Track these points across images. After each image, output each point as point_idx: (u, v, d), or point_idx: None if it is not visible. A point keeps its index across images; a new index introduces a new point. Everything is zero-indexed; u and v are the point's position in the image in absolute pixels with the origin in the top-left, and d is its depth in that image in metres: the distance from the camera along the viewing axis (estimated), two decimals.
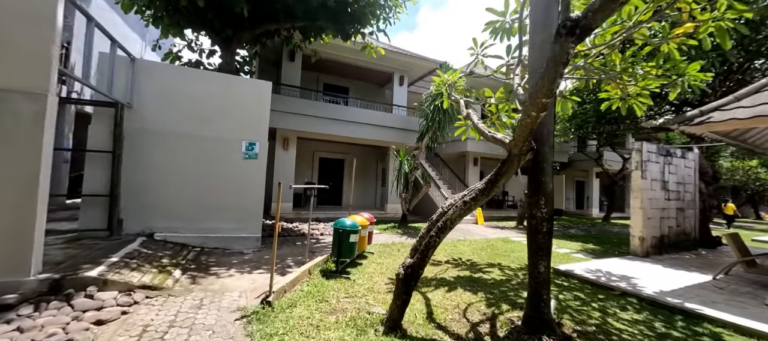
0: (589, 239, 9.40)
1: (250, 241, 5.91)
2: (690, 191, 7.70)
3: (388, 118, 11.10)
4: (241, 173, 5.93)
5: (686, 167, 7.63)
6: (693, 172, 7.81)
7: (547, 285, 2.81)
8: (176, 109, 5.57)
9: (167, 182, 5.46)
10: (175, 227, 5.45)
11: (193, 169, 5.63)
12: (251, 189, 5.99)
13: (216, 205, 5.73)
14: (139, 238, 5.08)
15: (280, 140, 10.13)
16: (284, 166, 10.16)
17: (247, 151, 6.01)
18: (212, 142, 5.76)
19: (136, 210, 5.26)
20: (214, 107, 5.82)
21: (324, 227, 8.44)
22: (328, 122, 10.04)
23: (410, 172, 9.67)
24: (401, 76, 12.19)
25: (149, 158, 5.38)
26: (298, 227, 8.34)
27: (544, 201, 2.82)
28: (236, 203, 5.87)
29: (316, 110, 9.90)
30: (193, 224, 5.58)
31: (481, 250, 6.85)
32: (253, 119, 6.09)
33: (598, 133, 12.42)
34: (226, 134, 5.86)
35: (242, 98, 6.04)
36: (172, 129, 5.52)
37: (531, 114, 2.18)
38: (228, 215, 5.81)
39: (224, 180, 5.81)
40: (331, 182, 13.20)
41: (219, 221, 5.74)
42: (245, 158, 5.99)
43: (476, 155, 13.83)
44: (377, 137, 10.85)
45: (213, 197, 5.72)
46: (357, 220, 5.18)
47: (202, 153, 5.70)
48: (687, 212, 7.56)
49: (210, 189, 5.71)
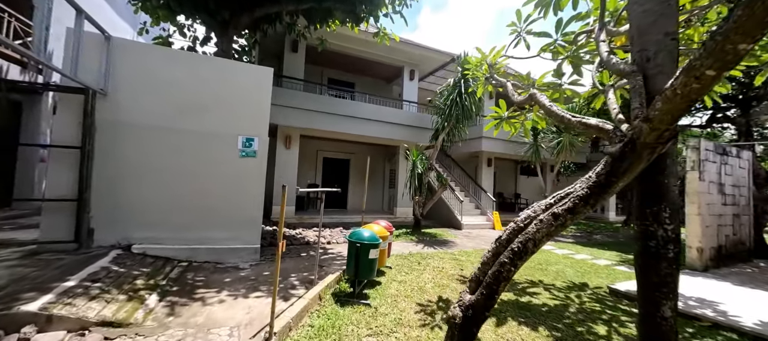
0: (622, 247, 8.51)
1: (247, 253, 5.04)
2: (744, 195, 6.83)
3: (398, 114, 10.24)
4: (238, 174, 5.07)
5: (740, 169, 6.76)
6: (747, 174, 6.93)
7: (674, 337, 1.93)
8: (160, 97, 4.71)
9: (149, 183, 4.59)
10: (157, 238, 4.59)
11: (181, 168, 4.77)
12: (249, 192, 5.12)
13: (207, 211, 4.87)
14: (112, 251, 4.21)
15: (282, 137, 9.28)
16: (286, 166, 9.30)
17: (244, 148, 5.15)
18: (203, 137, 4.90)
19: (110, 217, 4.39)
20: (205, 97, 4.96)
21: (330, 234, 7.57)
22: (334, 119, 9.18)
23: (424, 173, 8.80)
24: (412, 70, 11.34)
25: (127, 155, 4.51)
26: (301, 233, 7.46)
27: (668, 214, 1.94)
28: (231, 208, 5.00)
29: (321, 104, 9.04)
30: (180, 233, 4.71)
31: None
32: (251, 112, 5.24)
33: None
34: (219, 128, 5.00)
35: (239, 86, 5.18)
36: (155, 122, 4.66)
37: (704, 74, 1.31)
38: (221, 222, 4.94)
39: (217, 182, 4.95)
40: (336, 183, 12.33)
41: (211, 230, 4.87)
42: (242, 156, 5.13)
43: (490, 155, 12.96)
44: (387, 135, 10.00)
45: (204, 202, 4.85)
46: (374, 229, 4.32)
47: (191, 150, 4.83)
48: (742, 218, 6.68)
49: (200, 192, 4.85)
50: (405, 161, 11.21)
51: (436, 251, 6.66)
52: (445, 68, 12.14)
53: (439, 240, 8.02)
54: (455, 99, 8.09)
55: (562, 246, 8.03)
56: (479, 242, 8.12)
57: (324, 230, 8.02)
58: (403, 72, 11.27)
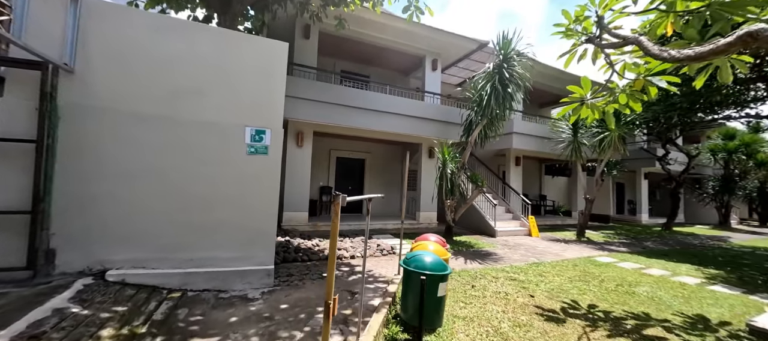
0: (689, 257, 7.29)
1: (258, 276, 3.93)
2: None
3: (423, 108, 9.11)
4: (245, 176, 3.97)
5: None
6: None
7: None
8: (145, 77, 3.63)
9: (130, 189, 3.51)
10: (141, 260, 3.50)
11: (171, 169, 3.68)
12: (260, 199, 4.02)
13: (207, 224, 3.77)
14: (78, 281, 3.13)
15: (293, 134, 8.19)
16: (299, 167, 8.20)
17: (252, 142, 4.05)
18: (201, 128, 3.81)
19: (78, 235, 3.31)
20: (204, 77, 3.87)
21: (352, 246, 6.44)
22: (352, 112, 8.08)
23: (457, 173, 7.66)
24: (434, 59, 10.21)
25: (101, 151, 3.44)
26: (319, 245, 6.35)
27: None
28: (237, 219, 3.91)
29: (337, 95, 7.94)
30: (171, 253, 3.61)
31: (585, 282, 4.80)
32: (262, 97, 4.14)
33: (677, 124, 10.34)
34: (221, 116, 3.91)
35: (247, 64, 4.09)
36: (138, 108, 3.58)
37: None
38: (225, 238, 3.84)
39: (219, 186, 3.85)
40: (350, 186, 11.23)
41: (211, 248, 3.77)
42: (251, 152, 4.03)
43: (520, 153, 11.78)
44: (409, 131, 8.87)
45: (202, 212, 3.76)
46: (430, 248, 3.19)
47: (184, 145, 3.75)
48: None
49: (198, 200, 3.75)
50: (429, 160, 10.09)
51: (482, 267, 5.51)
52: (469, 57, 11.00)
53: (478, 252, 6.87)
54: (496, 85, 6.95)
55: (621, 257, 6.84)
56: (523, 253, 6.96)
57: (343, 242, 6.90)
58: (425, 61, 10.14)
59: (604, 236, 10.30)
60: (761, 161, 13.94)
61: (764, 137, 14.75)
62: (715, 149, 15.12)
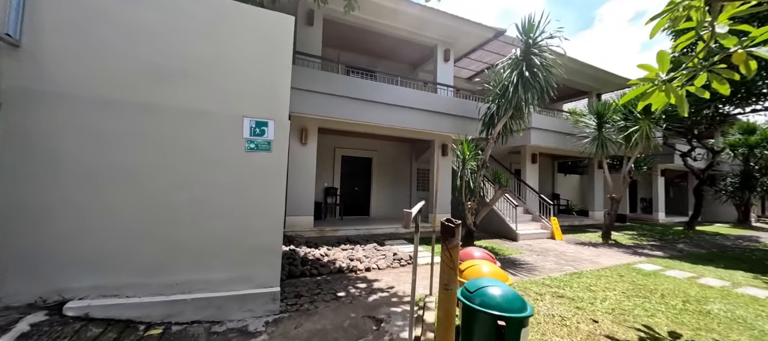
0: (733, 261, 6.60)
1: (260, 301, 3.19)
2: None
3: (438, 101, 8.36)
4: (244, 178, 3.23)
5: None
6: None
7: None
8: (115, 54, 2.88)
9: (96, 197, 2.76)
10: (111, 287, 2.75)
11: (150, 171, 2.93)
12: (262, 206, 3.28)
13: (195, 238, 3.03)
14: (26, 318, 2.39)
15: (297, 130, 7.44)
16: (303, 166, 7.46)
17: (252, 137, 3.30)
18: (187, 120, 3.06)
19: (26, 256, 2.56)
20: (191, 54, 3.12)
21: (365, 255, 5.71)
22: (361, 105, 7.33)
23: (478, 172, 6.94)
24: (446, 49, 9.47)
25: (57, 149, 2.68)
26: (328, 254, 5.60)
27: None
28: (234, 232, 3.16)
29: (345, 87, 7.19)
30: (151, 277, 2.87)
31: (644, 298, 4.08)
32: (263, 80, 3.40)
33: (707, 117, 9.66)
34: (213, 104, 3.17)
35: (244, 40, 3.34)
36: (106, 93, 2.83)
37: None
38: (218, 255, 3.10)
39: (211, 191, 3.11)
40: (356, 186, 10.49)
41: (201, 269, 3.03)
42: (250, 149, 3.29)
43: (536, 150, 11.07)
44: (423, 127, 8.13)
45: (189, 225, 3.02)
46: (483, 269, 2.46)
47: (167, 141, 3.00)
48: None
49: (183, 209, 3.01)
50: (442, 158, 9.36)
51: (519, 280, 4.79)
52: (483, 48, 10.27)
53: (506, 259, 6.16)
54: (524, 72, 6.21)
55: (664, 264, 6.13)
56: (555, 260, 6.25)
57: (355, 250, 6.16)
58: (437, 52, 9.40)
59: (630, 237, 9.61)
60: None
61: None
62: (736, 144, 14.47)
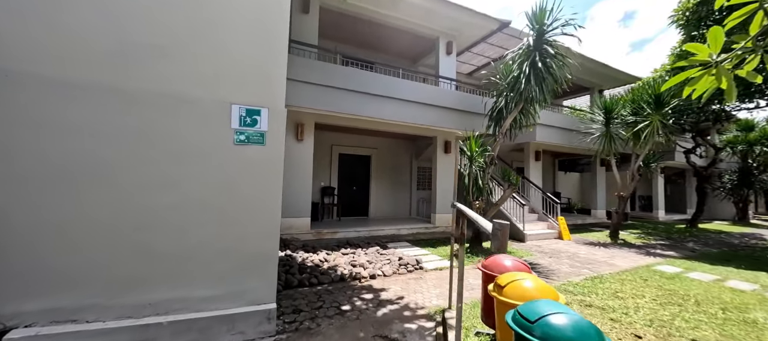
0: (752, 262, 6.33)
1: (252, 321, 2.71)
2: None
3: (442, 96, 7.92)
4: (233, 176, 2.75)
5: None
6: None
7: None
8: (77, 26, 2.36)
9: (52, 199, 2.25)
10: (68, 309, 2.24)
11: (120, 168, 2.43)
12: (255, 209, 2.80)
13: (174, 248, 2.54)
14: None
15: (292, 125, 6.94)
16: (299, 164, 6.96)
17: (242, 127, 2.82)
18: (164, 106, 2.57)
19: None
20: (168, 26, 2.62)
21: (368, 259, 5.24)
22: (361, 99, 6.85)
23: (486, 170, 6.54)
24: (449, 41, 9.05)
25: (5, 139, 2.17)
26: (327, 260, 5.13)
27: None
28: (222, 240, 2.68)
29: (344, 78, 6.70)
30: (118, 296, 2.37)
31: (678, 306, 3.71)
32: (255, 60, 2.92)
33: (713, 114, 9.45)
34: (195, 88, 2.68)
35: (232, 10, 2.85)
36: (65, 73, 2.31)
37: None
38: (202, 268, 2.61)
39: (193, 192, 2.62)
40: (355, 186, 10.02)
41: (181, 285, 2.54)
42: (239, 142, 2.80)
43: (540, 147, 10.75)
44: (427, 122, 7.69)
45: (167, 232, 2.52)
46: (526, 285, 2.03)
47: (140, 131, 2.50)
48: None
49: (160, 213, 2.51)
50: (445, 156, 8.95)
51: None
52: (486, 41, 9.88)
53: None
54: (536, 63, 5.82)
55: (684, 266, 5.81)
56: (569, 263, 5.88)
57: (356, 254, 5.70)
58: (439, 44, 8.98)
59: (637, 236, 9.35)
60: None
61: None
62: (735, 141, 14.41)
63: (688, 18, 7.84)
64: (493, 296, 2.05)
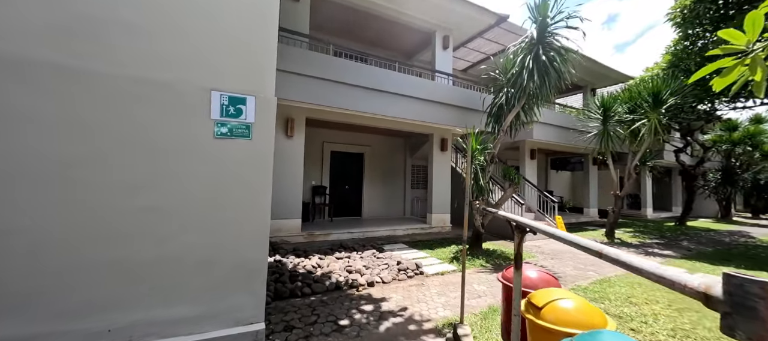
0: (748, 260, 6.32)
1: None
2: None
3: (440, 91, 7.61)
4: (214, 174, 2.35)
5: None
6: None
7: None
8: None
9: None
10: (15, 339, 1.80)
11: (78, 165, 1.99)
12: (240, 212, 2.41)
13: (144, 260, 2.12)
14: None
15: (282, 120, 6.50)
16: (289, 162, 6.53)
17: (225, 118, 2.42)
18: (132, 91, 2.14)
19: None
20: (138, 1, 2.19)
21: (363, 263, 4.89)
22: (355, 92, 6.47)
23: (486, 168, 6.29)
24: (445, 36, 8.76)
25: None
26: (320, 265, 4.75)
27: None
28: (200, 249, 2.28)
29: (338, 71, 6.29)
30: (74, 322, 1.94)
31: (696, 312, 3.53)
32: (240, 39, 2.51)
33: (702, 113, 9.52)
34: (168, 71, 2.26)
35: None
36: (12, 49, 1.86)
37: None
38: (177, 282, 2.21)
39: (165, 192, 2.21)
40: (347, 185, 9.63)
41: (152, 305, 2.13)
42: (221, 135, 2.40)
43: (535, 146, 10.62)
44: (421, 118, 7.37)
45: (134, 241, 2.10)
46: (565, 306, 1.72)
47: (102, 121, 2.06)
48: None
49: (126, 220, 2.09)
50: (441, 154, 8.67)
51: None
52: (483, 36, 9.65)
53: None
54: (541, 56, 5.58)
55: (686, 266, 5.72)
56: (573, 264, 5.70)
57: (351, 258, 5.33)
58: (435, 38, 8.67)
59: (632, 235, 9.34)
60: (767, 153, 13.62)
61: (766, 127, 14.53)
62: (719, 140, 14.75)
63: (685, 16, 7.79)
64: (527, 318, 1.74)
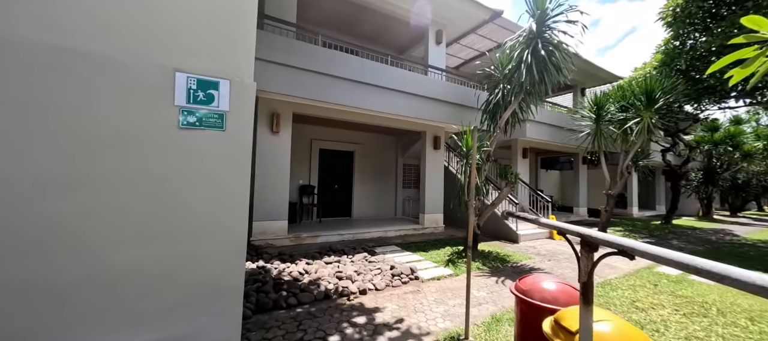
0: (741, 260, 6.33)
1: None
2: None
3: (433, 86, 7.33)
4: (178, 172, 1.96)
5: None
6: None
7: None
8: None
9: None
10: None
11: (7, 159, 1.57)
12: (212, 216, 2.02)
13: (81, 280, 1.71)
14: None
15: (266, 115, 6.05)
16: (275, 160, 6.09)
17: (193, 105, 2.03)
18: (69, 66, 1.72)
19: None
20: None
21: (354, 268, 4.54)
22: (345, 86, 6.10)
23: (483, 166, 6.05)
24: (438, 30, 8.48)
25: None
26: (307, 271, 4.38)
27: None
28: (161, 264, 1.88)
29: (329, 63, 5.90)
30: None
31: (705, 317, 3.36)
32: (211, 11, 2.12)
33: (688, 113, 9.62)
34: (119, 44, 1.84)
35: None
36: None
37: None
38: (129, 307, 1.81)
39: (114, 192, 1.80)
40: (337, 184, 9.24)
41: (84, 334, 1.72)
42: (187, 125, 2.01)
43: (528, 145, 10.52)
44: (416, 114, 7.07)
45: (68, 257, 1.69)
46: (605, 334, 1.43)
47: (28, 102, 1.64)
48: None
49: (58, 227, 1.67)
50: (434, 152, 8.41)
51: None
52: (476, 32, 9.43)
53: (518, 268, 5.31)
54: (539, 51, 5.36)
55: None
56: (570, 266, 5.52)
57: (341, 262, 4.98)
58: (428, 33, 8.39)
59: (623, 234, 9.33)
60: (747, 152, 14.04)
61: (744, 128, 15.00)
62: (701, 141, 15.13)
63: (676, 15, 7.79)
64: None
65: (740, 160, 14.54)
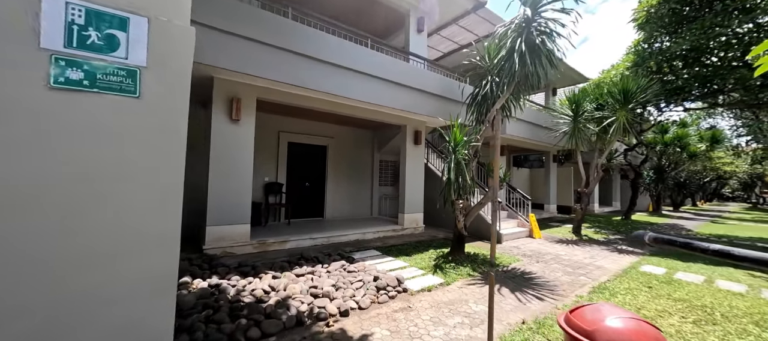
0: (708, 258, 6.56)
1: None
2: None
3: (416, 75, 6.74)
4: (54, 170, 1.12)
5: None
6: None
7: None
8: None
9: None
10: None
11: None
12: (107, 231, 1.22)
13: None
14: None
15: (223, 99, 5.07)
16: (235, 154, 5.13)
17: (74, 50, 1.20)
18: None
19: None
20: None
21: (329, 281, 3.83)
22: (319, 69, 5.29)
23: (470, 163, 5.62)
24: (420, 18, 7.93)
25: None
26: (274, 288, 3.59)
27: None
28: (15, 296, 1.05)
29: (300, 40, 5.05)
30: None
31: (697, 319, 3.15)
32: None
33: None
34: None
35: None
36: None
37: None
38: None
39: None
40: (308, 182, 8.38)
41: None
42: (63, 84, 1.18)
43: (505, 142, 10.41)
44: (394, 104, 6.42)
45: None
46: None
47: None
48: None
49: None
50: (415, 148, 7.88)
51: (552, 307, 3.52)
52: (457, 22, 9.04)
53: (509, 272, 4.94)
54: (533, 39, 4.99)
55: (667, 265, 5.65)
56: (560, 268, 5.28)
57: (316, 273, 4.24)
58: (409, 19, 7.81)
59: (595, 231, 9.55)
60: (692, 153, 15.30)
61: (689, 131, 16.38)
62: (653, 142, 16.28)
63: (650, 16, 7.97)
64: None
65: (687, 160, 15.86)
